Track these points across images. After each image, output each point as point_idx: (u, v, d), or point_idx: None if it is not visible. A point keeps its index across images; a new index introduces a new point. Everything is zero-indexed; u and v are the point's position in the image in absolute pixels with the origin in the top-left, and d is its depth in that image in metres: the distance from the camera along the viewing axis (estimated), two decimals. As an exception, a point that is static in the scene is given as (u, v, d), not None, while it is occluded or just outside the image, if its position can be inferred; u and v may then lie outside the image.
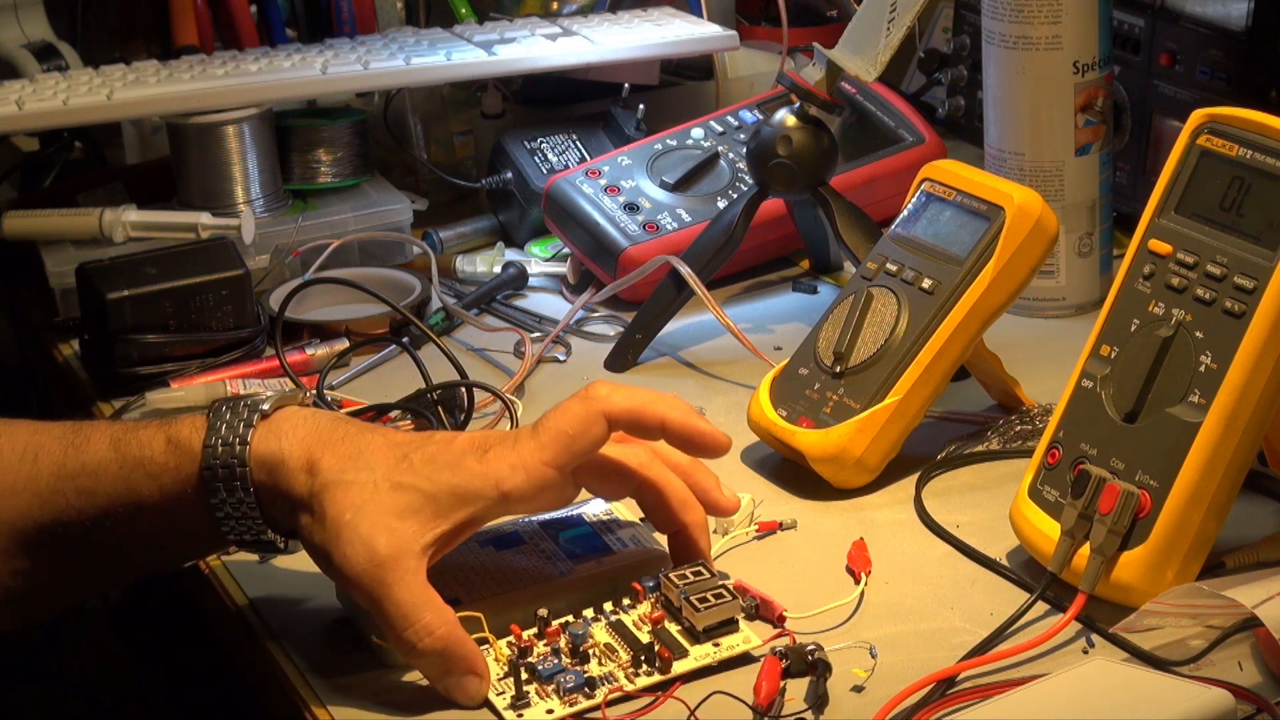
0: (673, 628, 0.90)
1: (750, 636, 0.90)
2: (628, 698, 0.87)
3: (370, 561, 0.86)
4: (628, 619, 0.91)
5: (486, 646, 0.89)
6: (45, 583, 0.92)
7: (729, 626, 0.90)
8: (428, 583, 0.87)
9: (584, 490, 0.94)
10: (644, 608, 0.92)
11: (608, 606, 0.92)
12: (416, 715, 0.88)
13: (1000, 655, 0.88)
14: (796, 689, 0.87)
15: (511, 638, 0.89)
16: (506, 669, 0.88)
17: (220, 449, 0.88)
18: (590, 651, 0.89)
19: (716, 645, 0.90)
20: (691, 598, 0.90)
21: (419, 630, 0.86)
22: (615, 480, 0.94)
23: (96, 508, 0.90)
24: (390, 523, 0.87)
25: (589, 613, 0.91)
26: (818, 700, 0.86)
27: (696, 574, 0.91)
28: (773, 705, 0.85)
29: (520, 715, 0.86)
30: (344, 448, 0.88)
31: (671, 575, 0.91)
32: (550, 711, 0.86)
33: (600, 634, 0.90)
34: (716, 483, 0.97)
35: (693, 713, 0.85)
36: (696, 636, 0.90)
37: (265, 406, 0.90)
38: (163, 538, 0.91)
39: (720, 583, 0.91)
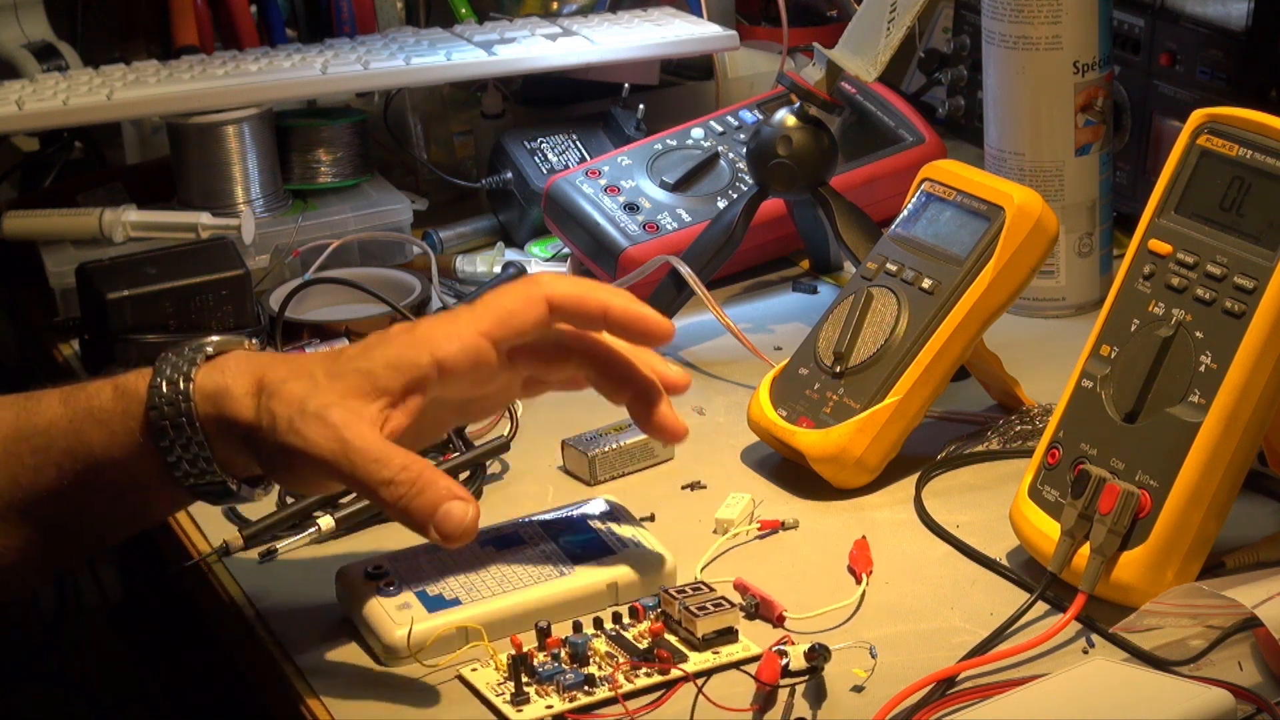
0: (672, 638, 0.90)
1: (750, 645, 0.90)
2: (634, 694, 0.87)
3: (326, 429, 0.86)
4: (628, 635, 0.91)
5: (487, 659, 0.89)
6: (15, 554, 0.91)
7: (728, 636, 0.90)
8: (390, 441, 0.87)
9: (530, 386, 0.94)
10: (644, 626, 0.92)
11: (608, 625, 0.92)
12: (416, 714, 0.88)
13: (1000, 655, 0.88)
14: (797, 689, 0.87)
15: (513, 649, 0.88)
16: (507, 673, 0.88)
17: (165, 388, 0.88)
18: (590, 658, 0.89)
19: (716, 654, 0.90)
20: (690, 607, 0.90)
21: (395, 466, 0.86)
22: (553, 355, 0.94)
23: (52, 464, 0.90)
24: (336, 400, 0.87)
25: (589, 629, 0.91)
26: (817, 692, 0.86)
27: (695, 590, 0.92)
28: (775, 686, 0.85)
29: (520, 710, 0.86)
30: (285, 367, 0.89)
31: (671, 590, 0.91)
32: (550, 706, 0.86)
33: (600, 646, 0.90)
34: (660, 358, 0.96)
35: (700, 690, 0.86)
36: (696, 645, 0.90)
37: (209, 349, 0.91)
38: (122, 491, 0.91)
39: (720, 595, 0.91)
